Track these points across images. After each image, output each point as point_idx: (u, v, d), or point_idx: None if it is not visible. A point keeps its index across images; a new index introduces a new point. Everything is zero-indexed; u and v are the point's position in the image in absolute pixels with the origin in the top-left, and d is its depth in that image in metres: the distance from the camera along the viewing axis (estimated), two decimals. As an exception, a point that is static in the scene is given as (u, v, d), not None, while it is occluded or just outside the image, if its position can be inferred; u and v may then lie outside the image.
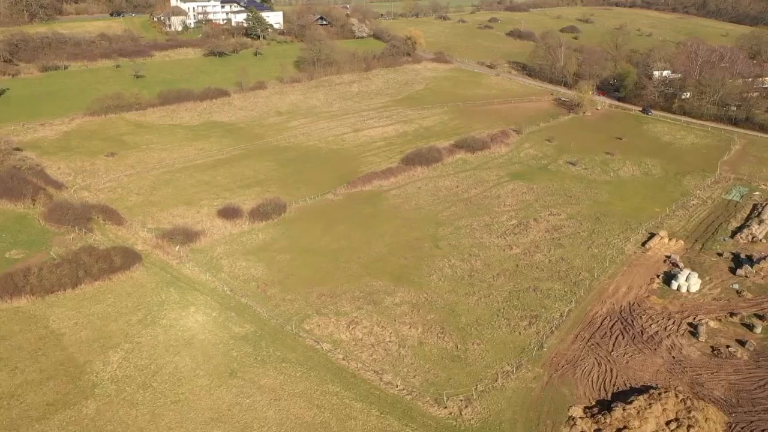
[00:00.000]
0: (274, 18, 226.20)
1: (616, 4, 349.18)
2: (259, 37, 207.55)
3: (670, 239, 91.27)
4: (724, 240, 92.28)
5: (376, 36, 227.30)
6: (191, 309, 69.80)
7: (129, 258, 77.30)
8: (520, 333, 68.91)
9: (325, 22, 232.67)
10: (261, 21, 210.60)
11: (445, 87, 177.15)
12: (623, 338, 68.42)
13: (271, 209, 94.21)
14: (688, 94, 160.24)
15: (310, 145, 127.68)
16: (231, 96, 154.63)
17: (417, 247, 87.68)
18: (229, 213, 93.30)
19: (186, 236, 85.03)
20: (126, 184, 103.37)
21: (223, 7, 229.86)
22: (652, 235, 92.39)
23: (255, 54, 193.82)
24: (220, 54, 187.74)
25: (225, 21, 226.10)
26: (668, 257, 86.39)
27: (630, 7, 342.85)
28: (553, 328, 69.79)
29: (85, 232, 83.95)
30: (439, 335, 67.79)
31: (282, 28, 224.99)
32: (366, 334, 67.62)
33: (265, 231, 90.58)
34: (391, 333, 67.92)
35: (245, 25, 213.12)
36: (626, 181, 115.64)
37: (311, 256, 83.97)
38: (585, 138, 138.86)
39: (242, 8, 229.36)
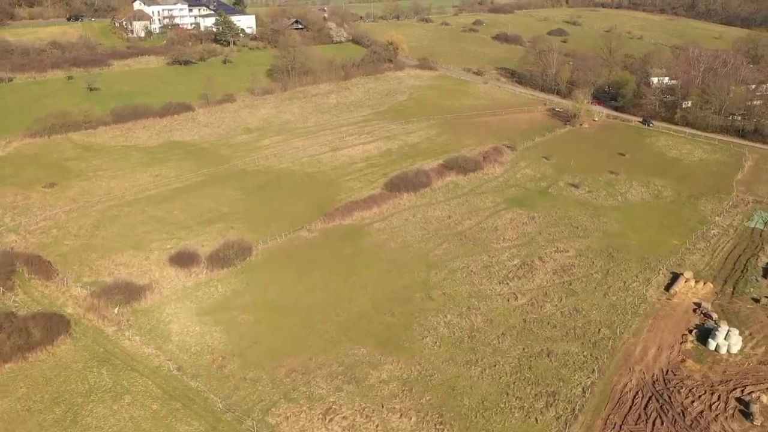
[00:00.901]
0: (246, 22, 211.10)
1: (603, 5, 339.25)
2: (229, 43, 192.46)
3: (696, 281, 79.31)
4: (757, 280, 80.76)
5: (356, 41, 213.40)
6: (126, 399, 55.56)
7: (53, 328, 62.76)
8: (536, 419, 56.01)
9: (300, 27, 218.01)
10: (231, 26, 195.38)
11: (431, 97, 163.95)
12: (662, 423, 55.98)
13: (233, 253, 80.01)
14: (690, 102, 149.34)
15: (282, 168, 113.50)
16: (195, 111, 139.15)
17: (406, 299, 74.36)
18: (183, 259, 78.83)
19: (128, 293, 70.56)
20: (64, 223, 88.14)
21: (190, 10, 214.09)
22: (675, 276, 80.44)
23: (224, 62, 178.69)
24: (186, 62, 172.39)
25: (193, 26, 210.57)
26: (698, 305, 74.50)
27: (617, 8, 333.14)
28: (576, 410, 57.09)
29: (4, 291, 69.10)
30: (437, 427, 54.58)
31: (255, 33, 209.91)
32: (346, 428, 54.14)
33: (225, 282, 76.38)
34: (377, 425, 54.54)
35: (214, 30, 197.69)
36: (636, 206, 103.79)
37: (280, 316, 70.10)
38: (585, 154, 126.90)
39: (211, 12, 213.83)
